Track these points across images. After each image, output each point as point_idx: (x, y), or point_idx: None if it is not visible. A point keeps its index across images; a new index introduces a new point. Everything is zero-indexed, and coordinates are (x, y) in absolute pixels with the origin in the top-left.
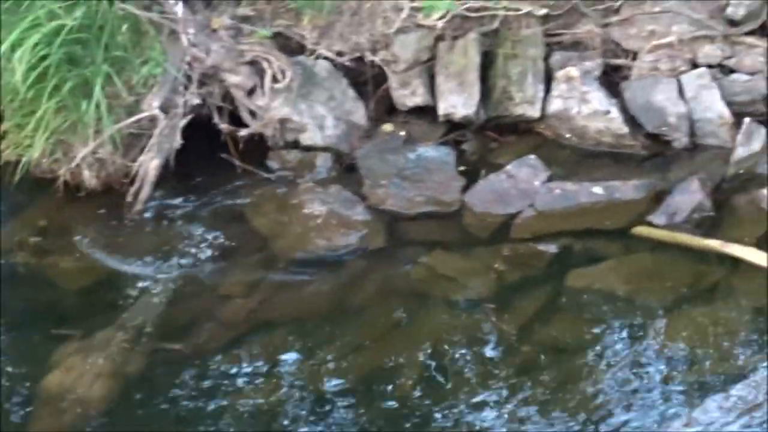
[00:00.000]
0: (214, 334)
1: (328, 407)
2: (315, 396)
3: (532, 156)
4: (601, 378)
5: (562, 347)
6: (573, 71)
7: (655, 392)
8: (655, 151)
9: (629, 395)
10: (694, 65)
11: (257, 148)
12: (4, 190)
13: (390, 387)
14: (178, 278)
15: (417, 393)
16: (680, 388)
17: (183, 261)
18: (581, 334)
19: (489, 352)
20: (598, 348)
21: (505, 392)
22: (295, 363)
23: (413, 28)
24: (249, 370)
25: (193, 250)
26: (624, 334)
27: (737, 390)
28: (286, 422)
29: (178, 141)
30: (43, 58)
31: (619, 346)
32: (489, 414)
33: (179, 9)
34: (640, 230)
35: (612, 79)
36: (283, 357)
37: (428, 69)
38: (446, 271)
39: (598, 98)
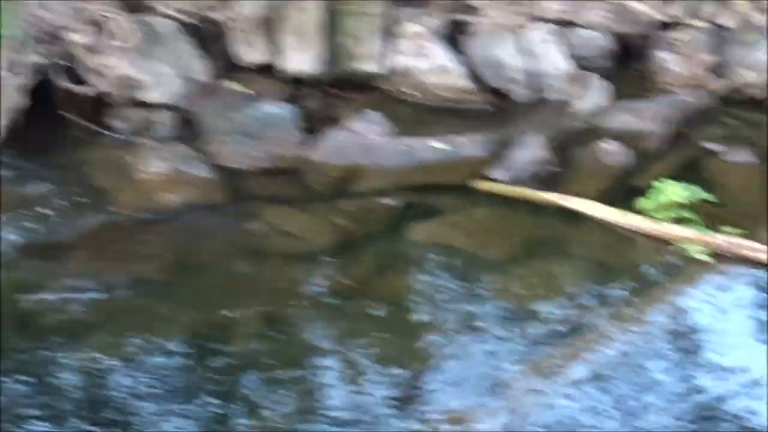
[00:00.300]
0: (55, 293)
1: (168, 363)
2: (156, 351)
3: (375, 112)
4: (440, 330)
5: (401, 300)
6: (416, 28)
7: (491, 344)
8: (497, 106)
9: (468, 347)
10: (537, 21)
11: (100, 106)
12: None
13: (231, 341)
14: (19, 237)
15: (257, 347)
16: (517, 339)
17: (25, 219)
18: (421, 287)
19: (329, 305)
20: (437, 301)
21: (344, 345)
22: (136, 319)
23: None
24: (90, 326)
25: (36, 209)
26: (463, 286)
27: (573, 342)
28: (124, 379)
29: (22, 101)
30: None
31: (458, 299)
32: (327, 367)
33: None
34: (481, 184)
35: (455, 36)
36: (124, 312)
37: (271, 27)
38: (287, 226)
39: (441, 54)
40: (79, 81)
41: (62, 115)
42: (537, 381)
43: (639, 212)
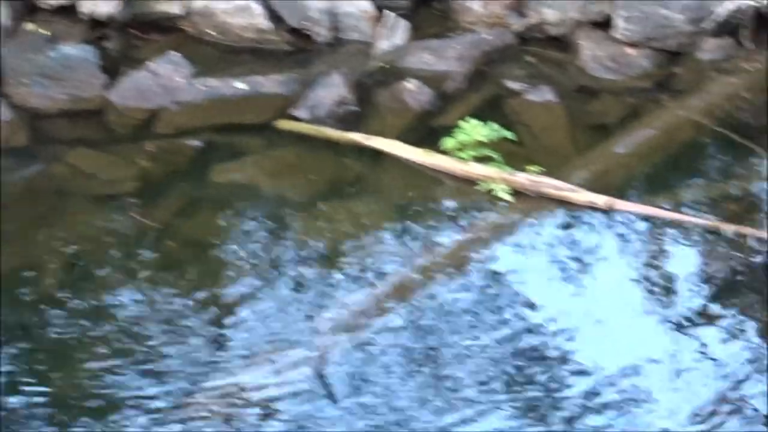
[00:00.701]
0: None
1: None
2: None
3: (175, 52)
4: (245, 272)
5: (205, 241)
6: None
7: (298, 285)
8: (298, 47)
9: (274, 288)
10: None
11: None
12: None
13: (33, 285)
14: None
15: (61, 291)
16: (324, 281)
17: None
18: (225, 228)
19: (133, 248)
20: (241, 242)
21: (149, 287)
22: None
23: None
24: None
25: None
26: (267, 227)
27: (380, 284)
28: None
29: None
30: None
31: (262, 240)
32: (132, 306)
33: None
34: (284, 124)
35: None
36: None
37: None
38: (90, 168)
39: None
40: None
41: None
42: (345, 323)
43: (442, 152)
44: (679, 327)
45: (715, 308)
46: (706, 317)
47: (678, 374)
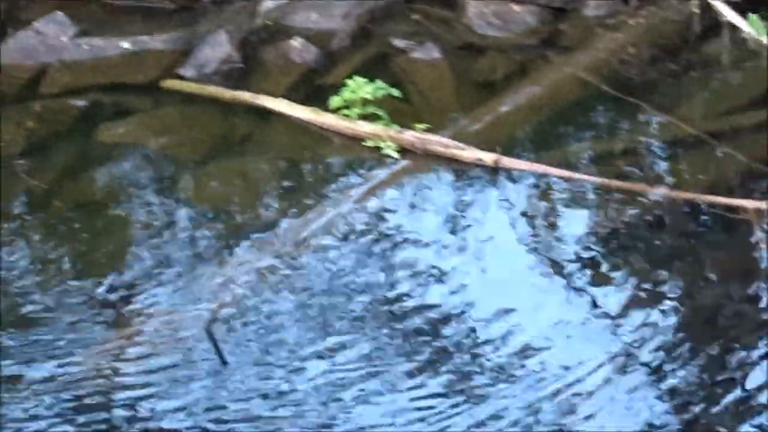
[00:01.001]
0: None
1: None
2: None
3: (60, 12)
4: (132, 231)
5: (94, 202)
6: None
7: (184, 243)
8: (183, 5)
9: (163, 246)
10: None
11: None
12: None
13: None
14: None
15: None
16: (214, 239)
17: None
18: (113, 188)
19: (20, 208)
20: (130, 201)
21: (37, 247)
22: None
23: None
24: None
25: None
26: (155, 187)
27: (266, 239)
28: None
29: None
30: None
31: (151, 199)
32: (20, 268)
33: None
34: (170, 83)
35: None
36: None
37: None
38: None
39: None
40: None
41: None
42: (236, 283)
43: (329, 110)
44: (567, 284)
45: (603, 264)
46: (594, 273)
47: (567, 332)
